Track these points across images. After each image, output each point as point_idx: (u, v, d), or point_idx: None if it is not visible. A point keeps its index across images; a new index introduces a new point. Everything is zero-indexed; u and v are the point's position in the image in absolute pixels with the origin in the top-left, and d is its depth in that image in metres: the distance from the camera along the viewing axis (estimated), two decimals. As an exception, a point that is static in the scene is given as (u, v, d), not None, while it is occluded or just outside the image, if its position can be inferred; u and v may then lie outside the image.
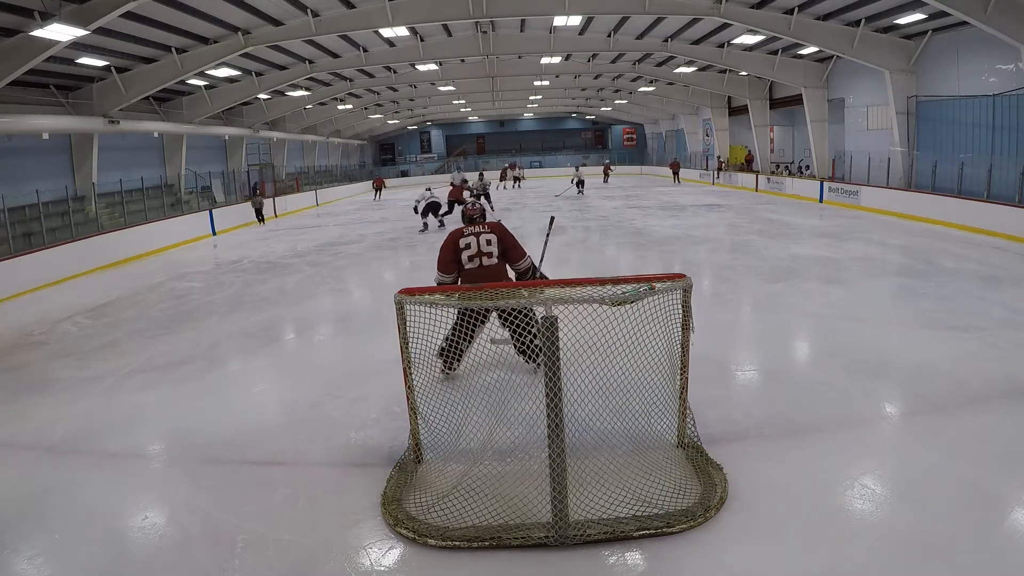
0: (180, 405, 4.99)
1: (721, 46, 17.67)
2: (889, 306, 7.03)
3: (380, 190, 29.26)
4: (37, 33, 9.39)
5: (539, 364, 4.31)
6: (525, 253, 4.89)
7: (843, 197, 16.76)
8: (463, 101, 30.49)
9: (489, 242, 4.74)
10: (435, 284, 4.62)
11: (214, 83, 17.72)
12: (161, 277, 11.10)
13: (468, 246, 4.71)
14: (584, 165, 32.57)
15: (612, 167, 33.41)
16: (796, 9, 13.50)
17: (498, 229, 4.84)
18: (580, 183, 24.32)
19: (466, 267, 4.72)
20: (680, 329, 3.49)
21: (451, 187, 17.33)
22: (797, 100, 19.91)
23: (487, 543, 2.95)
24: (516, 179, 31.05)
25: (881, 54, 14.56)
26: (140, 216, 15.71)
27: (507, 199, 23.70)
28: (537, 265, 5.15)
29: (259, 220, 19.79)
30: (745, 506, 3.16)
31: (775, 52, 17.99)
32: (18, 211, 12.33)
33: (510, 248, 4.81)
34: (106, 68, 13.63)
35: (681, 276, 3.45)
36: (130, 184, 15.84)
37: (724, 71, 21.52)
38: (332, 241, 14.75)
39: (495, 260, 4.76)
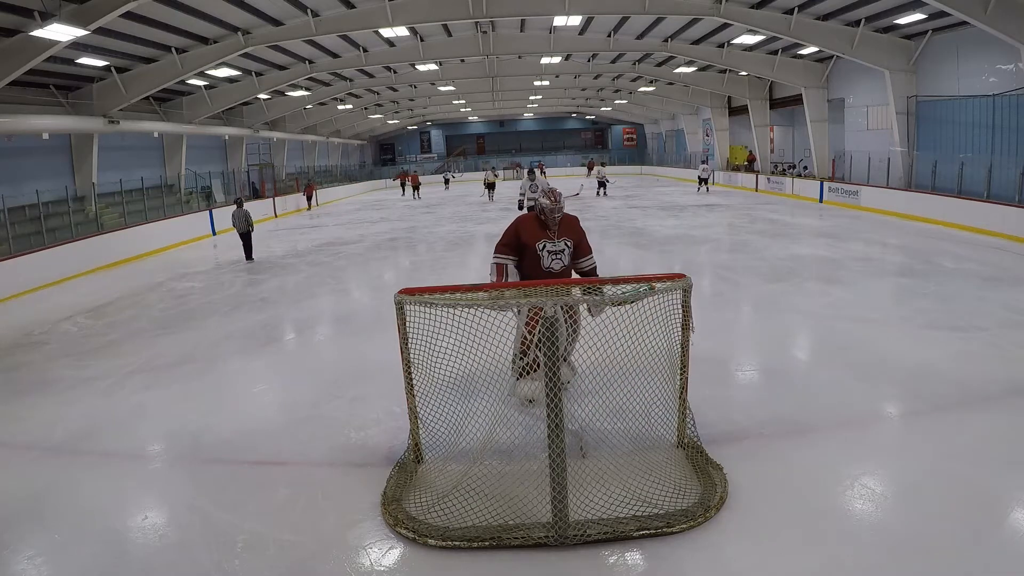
0: (180, 405, 4.99)
1: (721, 46, 17.67)
2: (889, 306, 7.03)
3: (312, 199, 18.11)
4: (37, 33, 9.39)
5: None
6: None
7: (843, 197, 16.76)
8: (463, 101, 30.47)
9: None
10: None
11: (214, 83, 17.72)
12: (161, 277, 11.09)
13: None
14: (603, 164, 27.85)
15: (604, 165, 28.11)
16: (796, 9, 13.50)
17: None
18: (603, 184, 23.04)
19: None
20: (680, 329, 3.49)
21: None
22: (797, 100, 19.91)
23: (487, 543, 2.94)
24: None
25: (881, 54, 14.56)
26: (140, 216, 15.72)
27: (507, 199, 23.67)
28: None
29: None
30: (745, 506, 3.16)
31: (775, 52, 17.99)
32: (18, 211, 12.34)
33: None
34: (106, 68, 13.63)
35: (681, 276, 3.46)
36: (130, 184, 15.83)
37: (724, 71, 21.52)
38: (332, 241, 14.75)
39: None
